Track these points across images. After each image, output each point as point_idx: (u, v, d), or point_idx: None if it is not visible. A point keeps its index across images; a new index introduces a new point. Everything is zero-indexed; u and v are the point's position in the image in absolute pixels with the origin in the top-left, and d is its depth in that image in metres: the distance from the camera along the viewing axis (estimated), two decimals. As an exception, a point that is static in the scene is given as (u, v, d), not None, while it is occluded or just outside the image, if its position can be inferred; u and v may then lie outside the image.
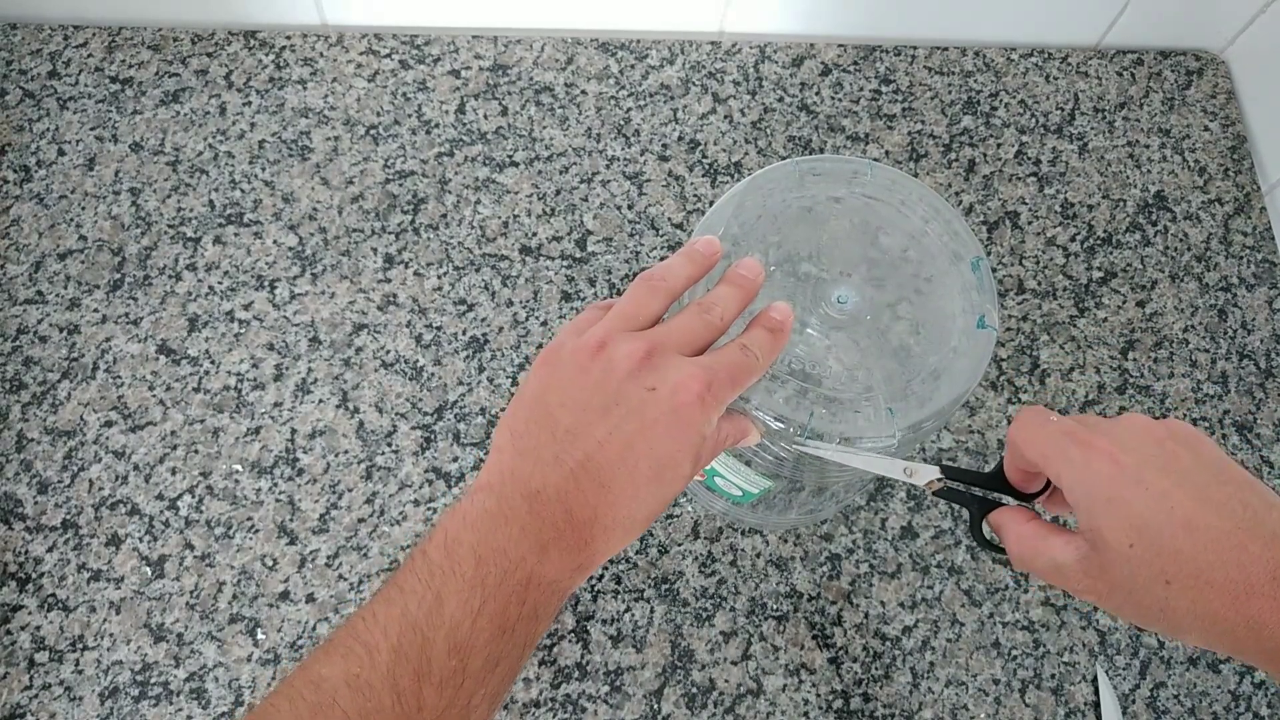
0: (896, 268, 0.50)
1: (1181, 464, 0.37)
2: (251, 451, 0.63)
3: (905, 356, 0.49)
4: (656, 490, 0.40)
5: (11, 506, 0.60)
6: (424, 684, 0.36)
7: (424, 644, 0.36)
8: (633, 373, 0.40)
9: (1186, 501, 0.35)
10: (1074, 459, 0.38)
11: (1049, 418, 0.41)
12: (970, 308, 0.49)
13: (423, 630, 0.36)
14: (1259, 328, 0.72)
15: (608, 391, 0.40)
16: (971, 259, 0.49)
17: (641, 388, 0.40)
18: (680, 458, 0.40)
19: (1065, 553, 0.39)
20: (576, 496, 0.39)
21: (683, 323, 0.43)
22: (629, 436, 0.39)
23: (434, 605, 0.37)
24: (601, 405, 0.40)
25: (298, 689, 0.36)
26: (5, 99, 0.72)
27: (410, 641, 0.36)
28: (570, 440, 0.40)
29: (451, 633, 0.36)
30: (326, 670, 0.36)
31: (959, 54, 0.80)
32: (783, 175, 0.51)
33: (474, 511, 0.39)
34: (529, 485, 0.39)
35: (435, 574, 0.38)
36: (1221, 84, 0.81)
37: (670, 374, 0.40)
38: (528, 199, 0.72)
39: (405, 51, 0.76)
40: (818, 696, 0.59)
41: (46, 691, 0.56)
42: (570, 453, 0.39)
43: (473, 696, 0.37)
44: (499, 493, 0.40)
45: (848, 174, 0.52)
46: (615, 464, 0.39)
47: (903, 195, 0.51)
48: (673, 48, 0.78)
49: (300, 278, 0.68)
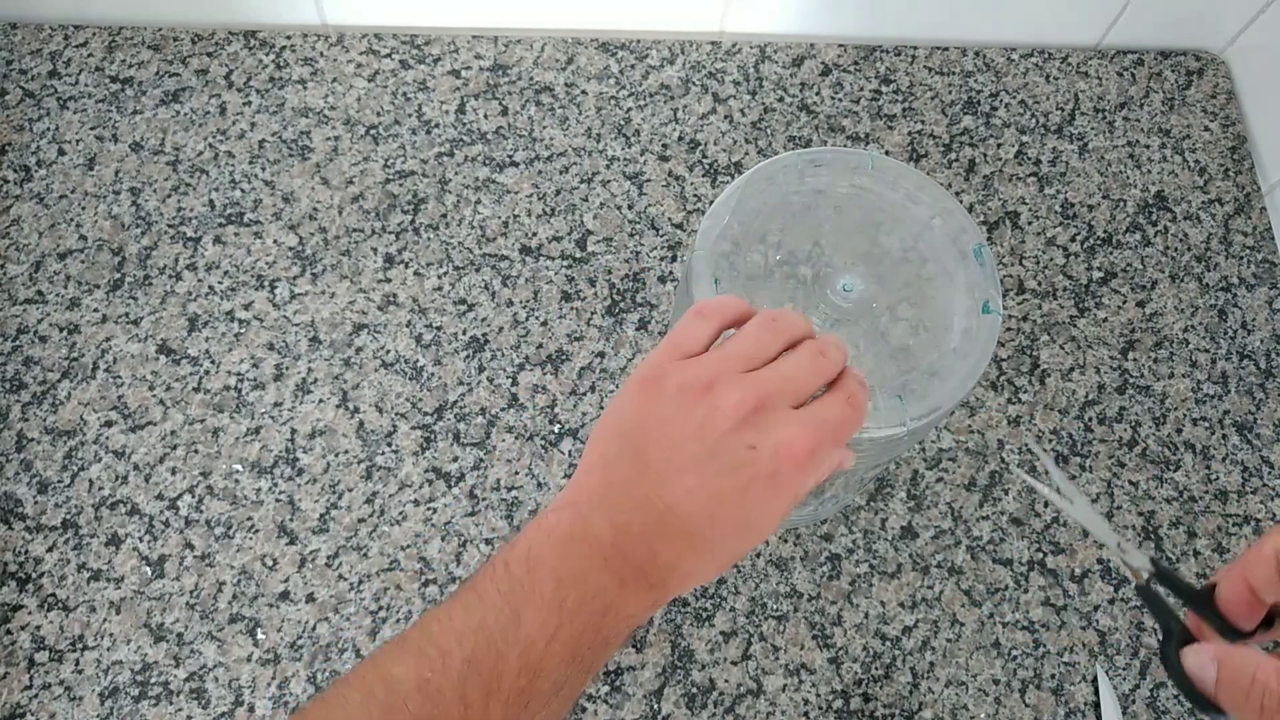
0: (897, 266, 0.50)
1: None
2: (251, 451, 0.63)
3: (904, 354, 0.49)
4: (738, 546, 0.39)
5: (11, 506, 0.60)
6: (492, 699, 0.35)
7: (497, 659, 0.36)
8: (737, 427, 0.38)
9: None
10: None
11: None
12: (973, 304, 0.49)
13: (498, 645, 0.36)
14: (1259, 328, 0.72)
15: (706, 441, 0.38)
16: (974, 246, 0.49)
17: (742, 445, 0.38)
18: (767, 521, 0.39)
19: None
20: (660, 540, 0.38)
21: (795, 368, 0.40)
22: (721, 493, 0.38)
23: (511, 621, 0.36)
24: (696, 455, 0.38)
25: (370, 684, 0.35)
26: (5, 99, 0.72)
27: (484, 655, 0.36)
28: (659, 484, 0.38)
29: (525, 652, 0.36)
30: (399, 670, 0.36)
31: (959, 54, 0.80)
32: (783, 167, 0.51)
33: (559, 531, 0.39)
34: (614, 518, 0.38)
35: (516, 589, 0.37)
36: (1221, 84, 0.81)
37: (775, 433, 0.38)
38: (528, 199, 0.72)
39: (405, 51, 0.76)
40: (818, 696, 0.59)
41: (46, 691, 0.56)
42: (659, 495, 0.38)
43: (535, 717, 0.36)
44: (586, 517, 0.39)
45: (851, 166, 0.52)
46: (700, 518, 0.38)
47: (906, 189, 0.51)
48: (673, 48, 0.78)
49: (300, 278, 0.68)
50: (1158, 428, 0.68)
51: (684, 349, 0.41)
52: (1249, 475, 0.67)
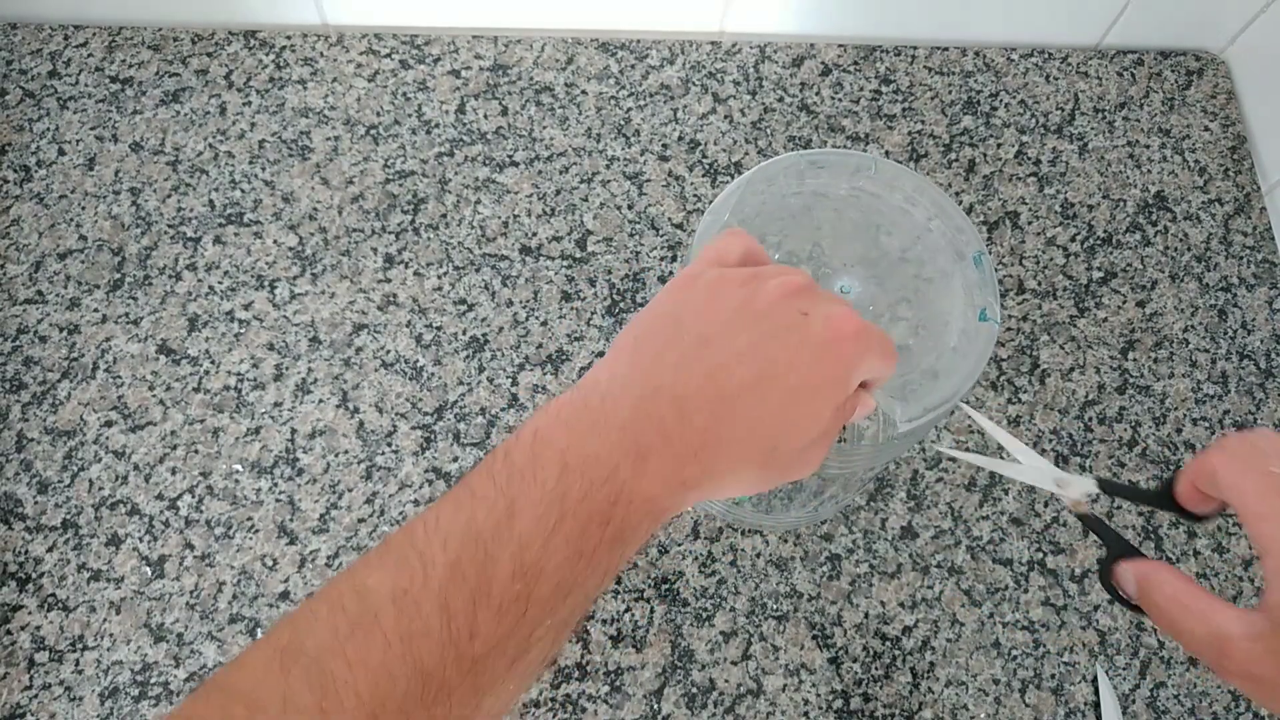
0: (896, 267, 0.50)
1: None
2: (251, 451, 0.63)
3: (904, 354, 0.49)
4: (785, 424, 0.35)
5: (11, 506, 0.60)
6: (480, 608, 0.31)
7: (486, 561, 0.31)
8: (786, 296, 0.36)
9: None
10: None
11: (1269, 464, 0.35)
12: (971, 306, 0.49)
13: (487, 546, 0.32)
14: (1259, 328, 0.72)
15: (755, 309, 0.35)
16: (973, 254, 0.49)
17: (795, 310, 0.36)
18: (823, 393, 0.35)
19: (1236, 625, 0.34)
20: (696, 400, 0.34)
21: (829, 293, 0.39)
22: (771, 353, 0.35)
23: (504, 517, 0.32)
24: (745, 320, 0.35)
25: (341, 597, 0.31)
26: (5, 99, 0.72)
27: (471, 558, 0.31)
28: (701, 347, 0.35)
29: (519, 552, 0.32)
30: (374, 580, 0.32)
31: (959, 54, 0.80)
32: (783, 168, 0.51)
33: (570, 407, 0.34)
34: (643, 383, 0.34)
35: (514, 480, 0.33)
36: (1221, 84, 0.81)
37: (826, 305, 0.36)
38: (528, 199, 0.72)
39: (405, 51, 0.76)
40: (818, 696, 0.59)
41: (46, 691, 0.56)
42: (700, 359, 0.34)
43: (536, 627, 0.32)
44: (604, 390, 0.34)
45: (851, 168, 0.52)
46: (749, 381, 0.34)
47: (905, 191, 0.51)
48: (673, 48, 0.78)
49: (300, 278, 0.68)
50: (1158, 428, 0.68)
51: (721, 259, 0.39)
52: (1249, 475, 0.67)
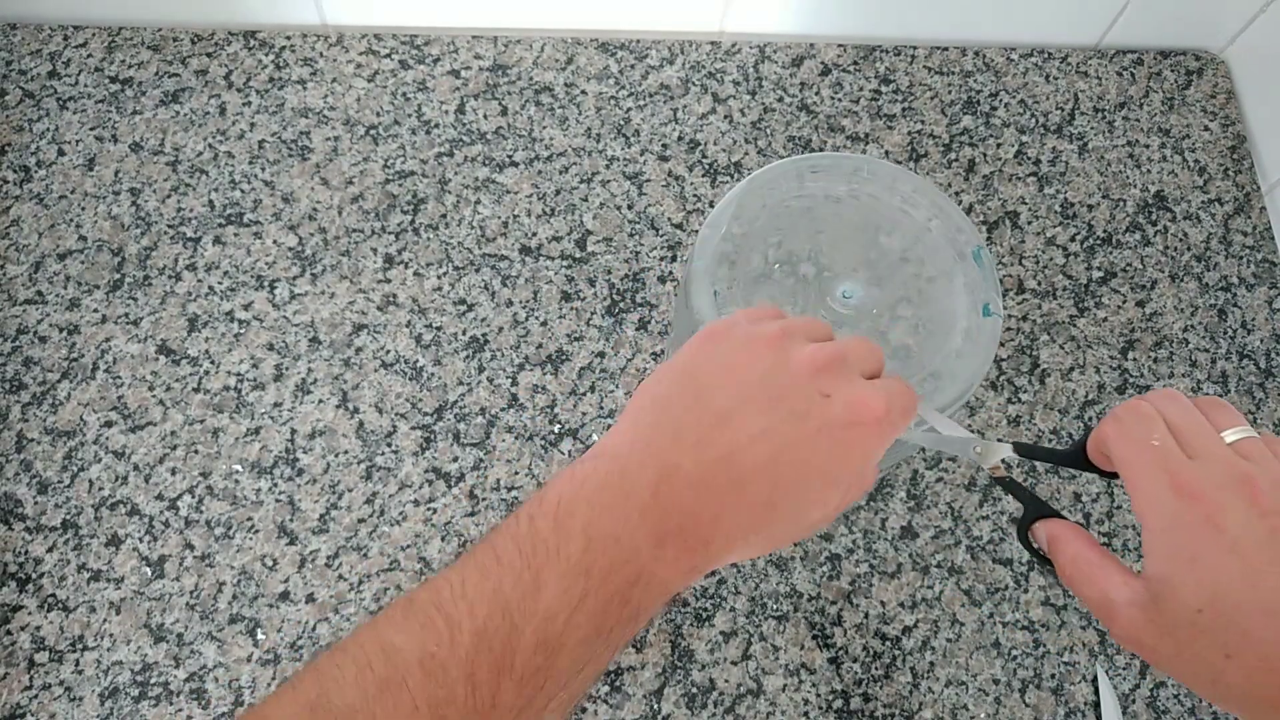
0: (897, 268, 0.50)
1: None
2: (251, 451, 0.63)
3: (905, 356, 0.49)
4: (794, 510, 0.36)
5: (11, 506, 0.60)
6: (504, 678, 0.31)
7: (511, 633, 0.32)
8: (811, 374, 0.36)
9: (1272, 584, 0.32)
10: (1166, 504, 0.34)
11: (1151, 436, 0.36)
12: (974, 307, 0.49)
13: (513, 617, 0.32)
14: (1259, 328, 0.72)
15: (777, 385, 0.35)
16: (973, 249, 0.49)
17: (816, 391, 0.36)
18: (835, 480, 0.36)
19: (1121, 591, 0.35)
20: (711, 487, 0.34)
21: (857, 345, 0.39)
22: (787, 440, 0.35)
23: (530, 589, 0.32)
24: (766, 398, 0.35)
25: (368, 654, 0.31)
26: (5, 99, 0.72)
27: (498, 628, 0.32)
28: (721, 426, 0.35)
29: (544, 625, 0.32)
30: (401, 640, 0.32)
31: (959, 54, 0.80)
32: (781, 174, 0.51)
33: (594, 479, 0.34)
34: (662, 462, 0.34)
35: (539, 549, 0.33)
36: (1221, 84, 0.81)
37: (851, 388, 0.36)
38: (528, 199, 0.71)
39: (405, 51, 0.76)
40: (818, 696, 0.59)
41: (46, 691, 0.56)
42: (718, 441, 0.34)
43: (551, 699, 0.33)
44: (625, 463, 0.35)
45: (848, 170, 0.52)
46: (762, 466, 0.35)
47: (903, 192, 0.51)
48: (673, 48, 0.78)
49: (300, 278, 0.68)
50: (1158, 428, 0.68)
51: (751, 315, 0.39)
52: (1249, 475, 0.67)
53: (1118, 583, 0.36)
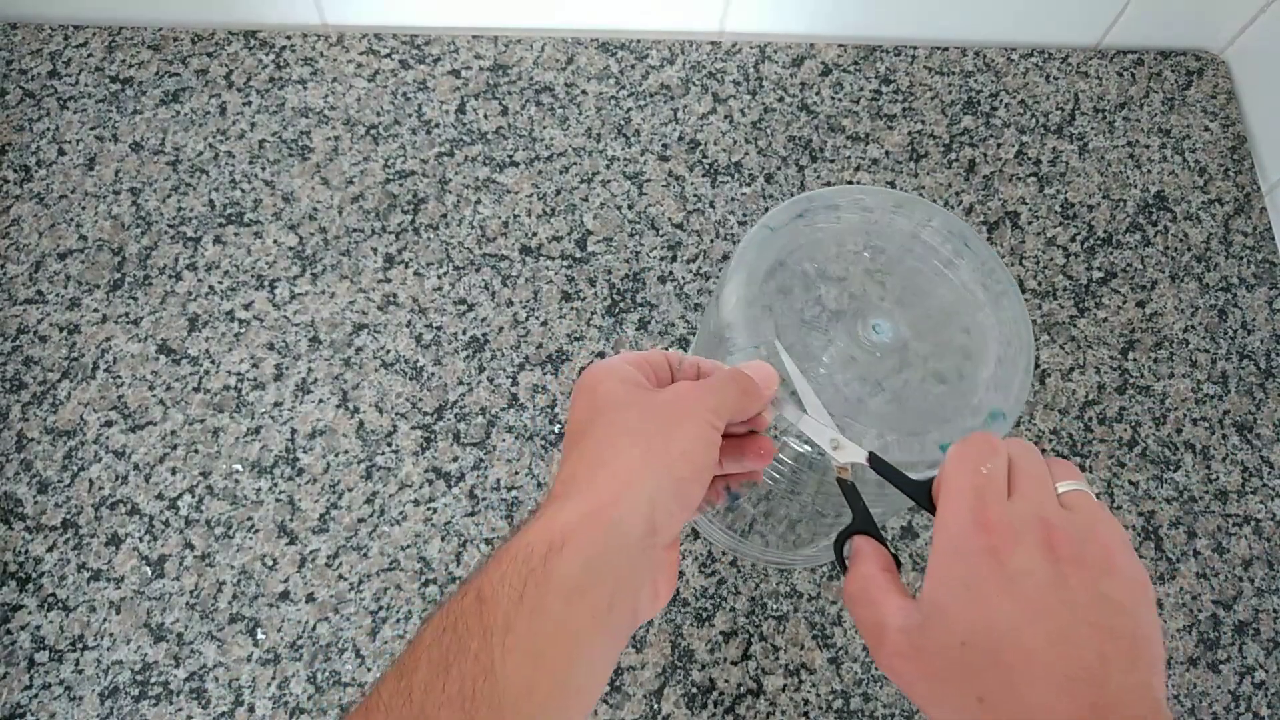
0: (934, 318, 0.49)
1: (1066, 590, 0.32)
2: (251, 451, 0.63)
3: (930, 402, 0.48)
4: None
5: (11, 506, 0.60)
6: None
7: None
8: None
9: (1040, 630, 0.31)
10: (960, 528, 0.34)
11: (981, 466, 0.35)
12: (1001, 345, 0.48)
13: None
14: (1259, 328, 0.72)
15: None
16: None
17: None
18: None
19: (895, 616, 0.34)
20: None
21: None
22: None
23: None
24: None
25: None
26: (5, 99, 0.72)
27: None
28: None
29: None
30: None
31: (959, 54, 0.80)
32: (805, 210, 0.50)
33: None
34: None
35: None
36: (1221, 84, 0.81)
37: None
38: (528, 199, 0.72)
39: (405, 51, 0.76)
40: (818, 696, 0.59)
41: (46, 691, 0.56)
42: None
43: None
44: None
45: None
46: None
47: (932, 225, 0.50)
48: (673, 48, 0.78)
49: (300, 278, 0.68)
50: (1158, 428, 0.68)
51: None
52: (1249, 475, 0.67)
53: (894, 608, 0.35)
